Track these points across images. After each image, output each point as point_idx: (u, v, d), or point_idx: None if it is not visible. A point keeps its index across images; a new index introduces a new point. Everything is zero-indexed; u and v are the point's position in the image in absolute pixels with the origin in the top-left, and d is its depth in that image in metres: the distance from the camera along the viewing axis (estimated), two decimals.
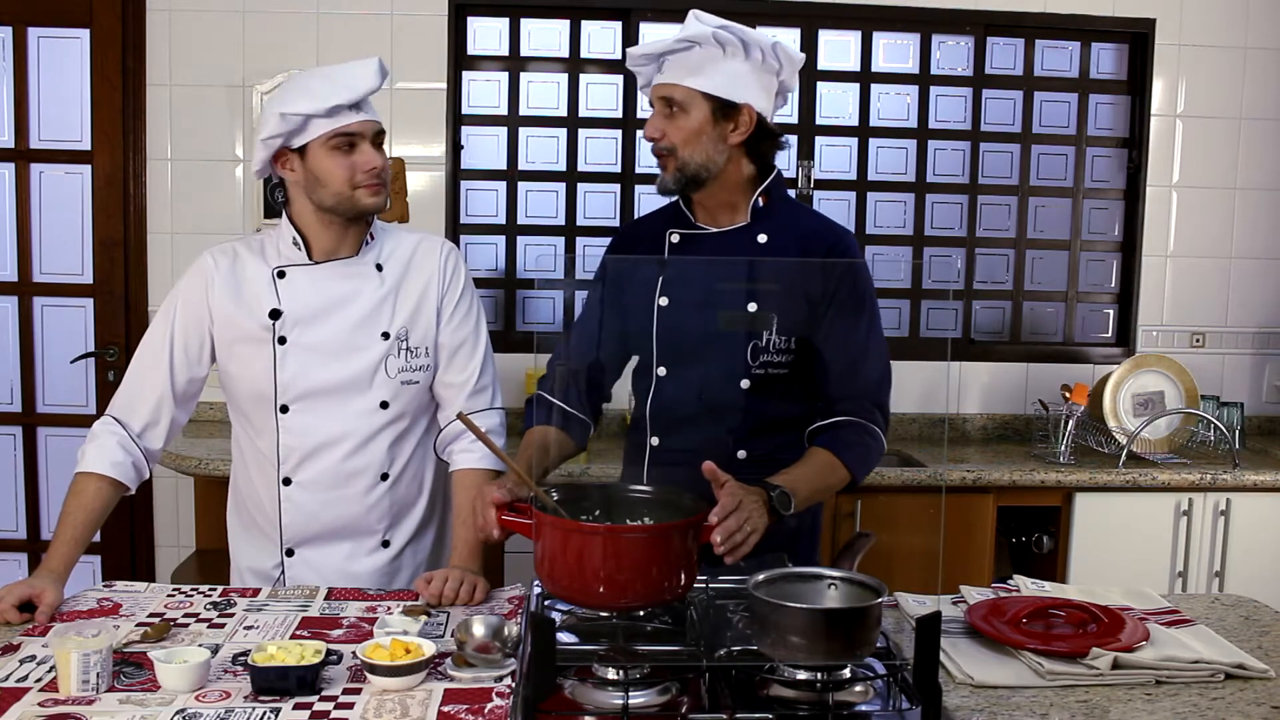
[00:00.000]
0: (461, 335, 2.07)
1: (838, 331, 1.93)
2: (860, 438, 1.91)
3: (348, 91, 1.90)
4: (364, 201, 1.95)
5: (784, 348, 1.93)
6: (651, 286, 1.99)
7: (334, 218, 1.97)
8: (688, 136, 1.90)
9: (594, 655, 1.49)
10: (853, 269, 1.96)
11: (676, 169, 1.92)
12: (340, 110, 1.90)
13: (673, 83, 1.91)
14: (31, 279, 3.66)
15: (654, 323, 1.97)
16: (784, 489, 1.74)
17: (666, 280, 1.98)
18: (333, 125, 1.90)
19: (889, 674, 1.47)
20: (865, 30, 3.76)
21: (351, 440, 2.00)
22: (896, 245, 3.85)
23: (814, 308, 1.93)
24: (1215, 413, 3.53)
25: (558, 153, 3.74)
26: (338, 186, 1.93)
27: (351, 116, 1.91)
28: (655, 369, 1.99)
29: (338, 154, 1.92)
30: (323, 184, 1.93)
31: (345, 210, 1.95)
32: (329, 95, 1.89)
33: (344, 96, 1.89)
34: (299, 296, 1.99)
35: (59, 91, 3.60)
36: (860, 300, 1.96)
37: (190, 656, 1.48)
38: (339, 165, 1.92)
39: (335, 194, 1.94)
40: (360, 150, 1.93)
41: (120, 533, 3.65)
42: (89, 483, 1.93)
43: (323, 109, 1.89)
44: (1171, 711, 1.45)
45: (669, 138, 1.91)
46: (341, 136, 1.91)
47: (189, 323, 2.01)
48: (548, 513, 1.57)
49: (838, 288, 1.93)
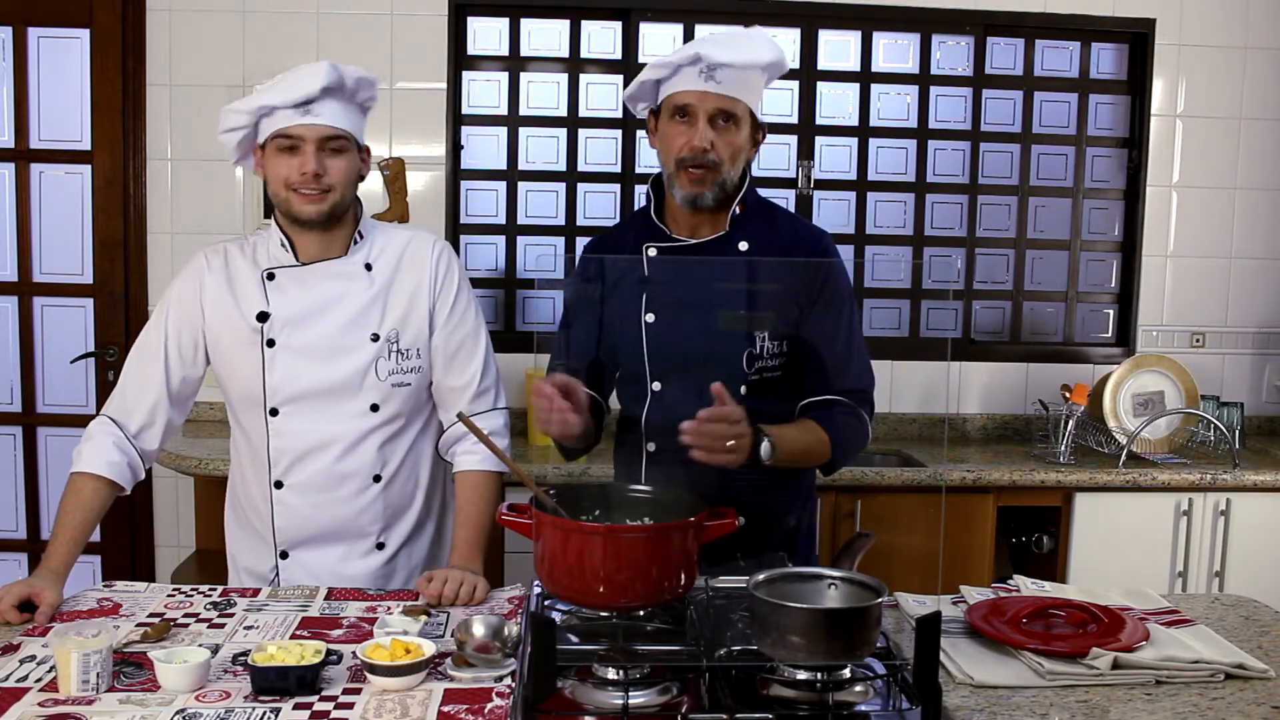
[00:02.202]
0: (460, 337, 2.05)
1: (824, 329, 1.94)
2: (849, 422, 1.92)
3: (291, 92, 1.89)
4: (298, 208, 1.93)
5: (777, 351, 1.93)
6: (635, 302, 1.96)
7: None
8: (735, 153, 1.89)
9: (594, 655, 1.49)
10: (833, 268, 1.96)
11: (718, 184, 1.89)
12: (280, 111, 1.90)
13: (735, 97, 1.86)
14: (31, 279, 3.66)
15: (643, 339, 1.96)
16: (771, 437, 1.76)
17: (651, 295, 1.95)
18: (274, 126, 1.91)
19: (889, 674, 1.47)
20: (865, 30, 3.76)
21: (342, 443, 1.99)
22: (896, 245, 3.85)
23: (800, 309, 1.94)
24: (1215, 413, 3.53)
25: (558, 153, 3.74)
26: (275, 188, 1.94)
27: (294, 118, 1.90)
28: (649, 384, 1.97)
29: (281, 156, 1.92)
30: (271, 183, 1.95)
31: (286, 214, 1.96)
32: (272, 95, 1.90)
33: (285, 97, 1.89)
34: (287, 298, 1.98)
35: (59, 91, 3.60)
36: (842, 298, 1.96)
37: (190, 656, 1.48)
38: (279, 167, 1.93)
39: (275, 194, 1.95)
40: (301, 154, 1.91)
41: (120, 533, 3.65)
42: (86, 483, 1.93)
43: (263, 106, 1.90)
44: (1171, 711, 1.45)
45: (718, 151, 1.87)
46: (283, 138, 1.91)
47: (183, 323, 2.01)
48: (548, 513, 1.57)
49: (822, 287, 1.94)
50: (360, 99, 1.98)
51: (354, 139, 1.96)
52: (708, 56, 1.84)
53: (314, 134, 1.90)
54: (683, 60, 1.86)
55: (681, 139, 1.87)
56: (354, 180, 1.98)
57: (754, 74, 1.88)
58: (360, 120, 2.00)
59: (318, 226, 1.96)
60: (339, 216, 1.97)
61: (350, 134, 1.95)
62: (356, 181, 1.99)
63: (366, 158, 2.03)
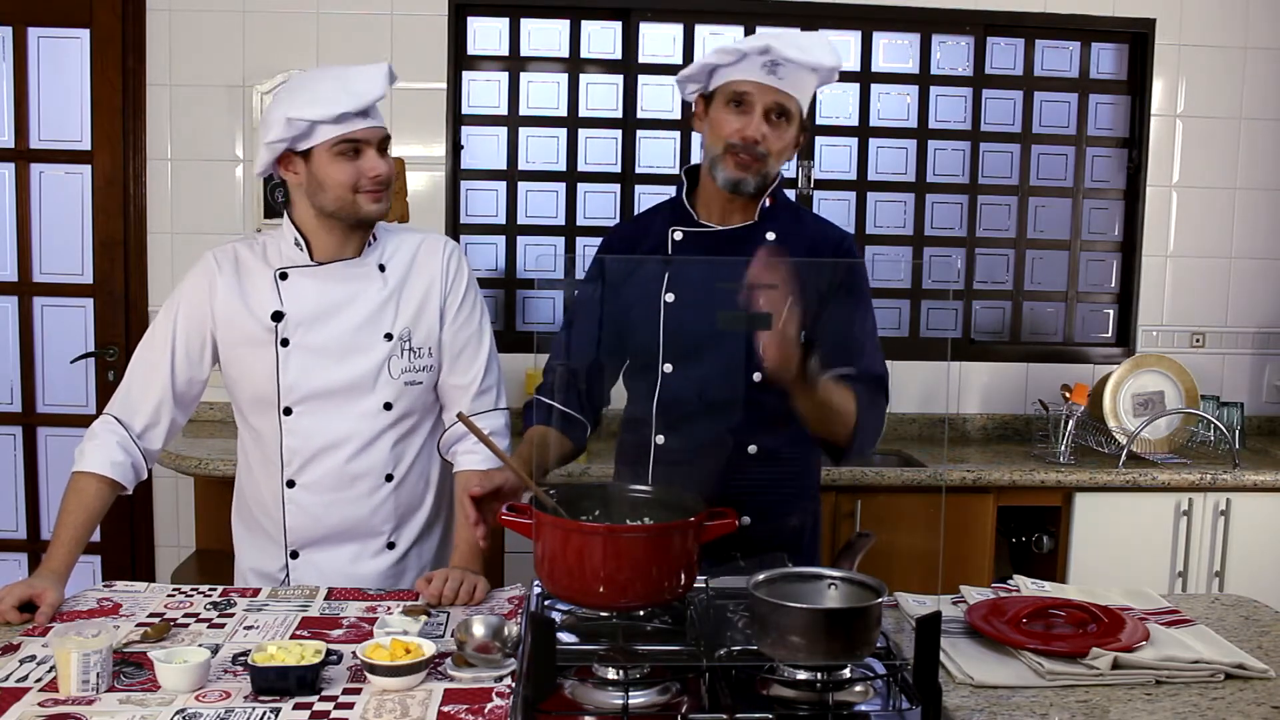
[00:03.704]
0: (465, 336, 2.06)
1: (842, 320, 1.94)
2: (872, 398, 1.90)
3: (356, 99, 1.88)
4: (366, 208, 1.94)
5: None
6: (656, 283, 1.98)
7: (335, 221, 1.97)
8: (785, 149, 1.92)
9: (594, 655, 1.49)
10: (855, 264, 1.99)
11: (761, 174, 1.91)
12: (348, 117, 1.88)
13: (792, 94, 1.89)
14: (31, 279, 3.67)
15: (660, 319, 1.97)
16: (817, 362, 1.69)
17: (673, 276, 1.97)
18: (339, 131, 1.89)
19: (889, 674, 1.47)
20: (865, 30, 3.76)
21: (355, 442, 2.00)
22: (896, 245, 3.85)
23: (822, 300, 1.94)
24: (1215, 413, 3.53)
25: (558, 153, 3.74)
26: (341, 192, 1.92)
27: (359, 123, 1.90)
28: (661, 365, 1.98)
29: (342, 160, 1.90)
30: (325, 189, 1.92)
31: (346, 216, 1.95)
32: (337, 102, 1.87)
33: (352, 103, 1.87)
34: (301, 298, 1.98)
35: (59, 91, 3.61)
36: (862, 294, 1.99)
37: (190, 656, 1.48)
38: (343, 171, 1.91)
39: (337, 199, 1.93)
40: (365, 156, 1.92)
41: (120, 533, 3.65)
42: (89, 483, 1.93)
43: (330, 115, 1.87)
44: (1171, 711, 1.45)
45: (768, 144, 1.89)
46: (347, 143, 1.90)
47: (191, 324, 2.01)
48: (548, 513, 1.57)
49: (843, 281, 1.95)
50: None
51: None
52: (776, 50, 1.85)
53: (377, 135, 1.94)
54: (750, 49, 1.87)
55: (734, 125, 1.89)
56: None
57: (811, 76, 1.91)
58: None
59: (364, 225, 1.98)
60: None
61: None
62: None
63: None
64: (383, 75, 1.92)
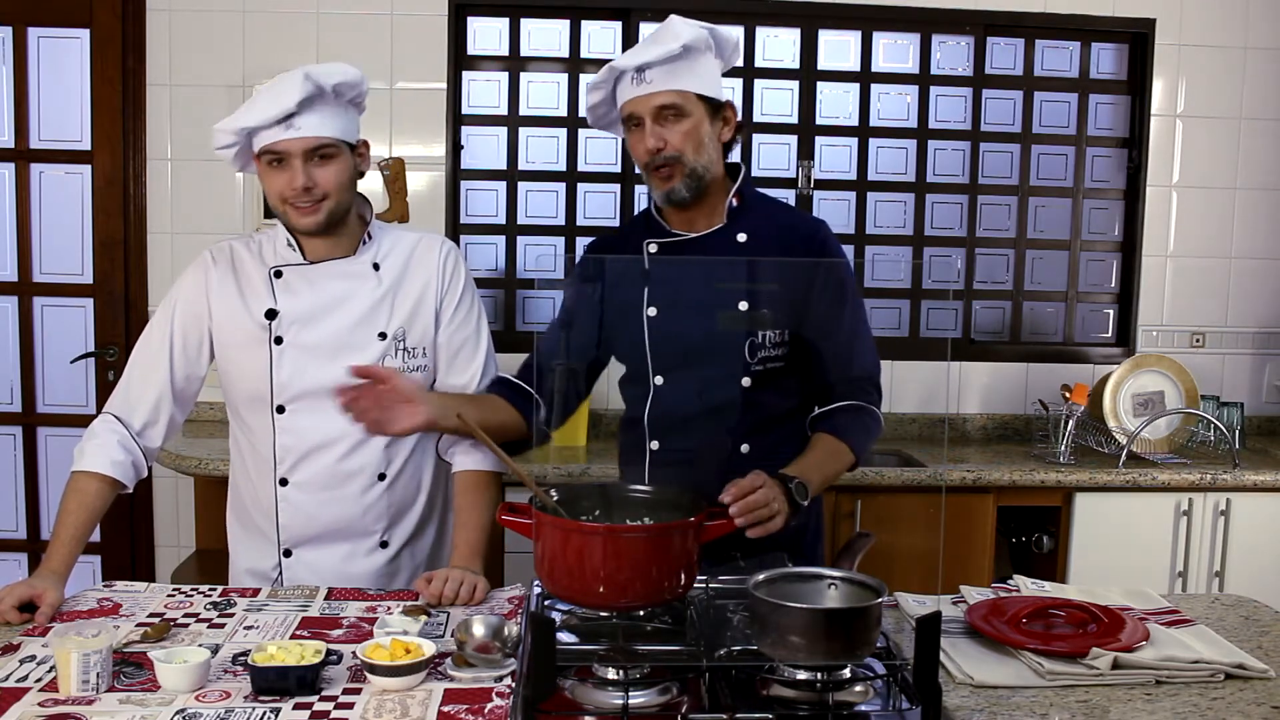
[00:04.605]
0: (462, 336, 2.06)
1: (828, 319, 1.95)
2: (860, 419, 1.93)
3: (270, 109, 1.86)
4: (294, 220, 1.93)
5: (779, 341, 1.94)
6: (637, 297, 1.97)
7: None
8: (694, 140, 1.89)
9: (594, 655, 1.49)
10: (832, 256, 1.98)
11: (687, 175, 1.89)
12: (266, 128, 1.88)
13: (669, 89, 1.87)
14: (31, 279, 3.66)
15: (645, 334, 1.97)
16: (799, 479, 1.74)
17: (653, 290, 1.97)
18: (260, 143, 1.90)
19: (889, 674, 1.47)
20: (865, 30, 3.76)
21: (348, 441, 1.99)
22: (896, 245, 3.85)
23: (803, 299, 1.95)
24: (1215, 413, 3.53)
25: (558, 153, 3.74)
26: (275, 202, 1.94)
27: (277, 134, 1.87)
28: (651, 379, 1.98)
29: (271, 171, 1.91)
30: (268, 198, 1.96)
31: (287, 225, 1.97)
32: (251, 114, 1.88)
33: (264, 115, 1.87)
34: (296, 296, 1.99)
35: (59, 91, 3.61)
36: (844, 286, 1.98)
37: (190, 656, 1.48)
38: (272, 182, 1.92)
39: (274, 209, 1.96)
40: (288, 167, 1.89)
41: (120, 533, 3.65)
42: (89, 482, 1.93)
43: (245, 125, 1.88)
44: (1171, 711, 1.45)
45: (672, 145, 1.88)
46: (271, 154, 1.90)
47: (188, 321, 2.01)
48: (548, 513, 1.57)
49: (825, 277, 1.95)
50: (348, 98, 1.95)
51: (342, 142, 1.93)
52: (625, 64, 1.88)
53: (299, 147, 1.88)
54: (611, 74, 1.91)
55: (639, 146, 1.91)
56: (349, 183, 1.96)
57: (684, 62, 1.87)
58: (350, 120, 1.96)
59: (319, 234, 1.96)
60: (340, 220, 1.97)
61: (336, 140, 1.91)
62: (353, 182, 1.98)
63: (364, 153, 2.01)
64: (295, 83, 1.86)
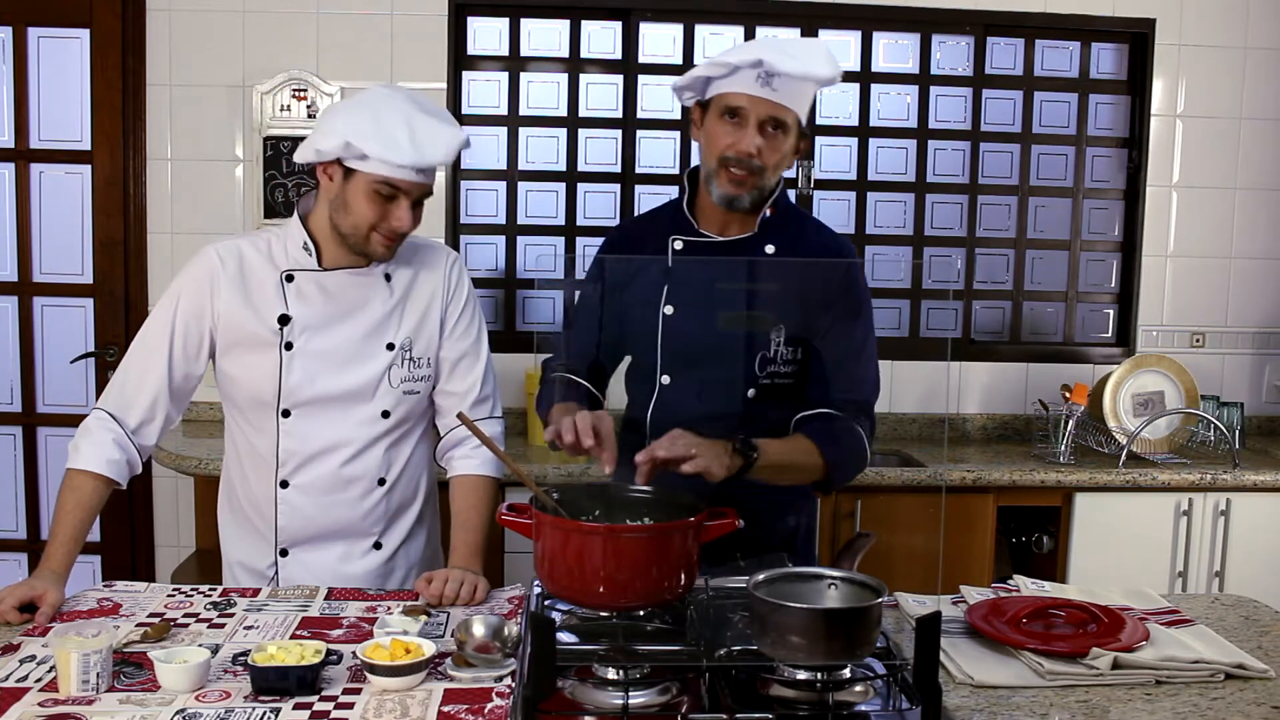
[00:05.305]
0: (464, 346, 2.07)
1: (837, 339, 1.93)
2: (844, 437, 1.90)
3: (419, 157, 1.84)
4: (374, 249, 1.93)
5: (790, 358, 1.92)
6: (656, 293, 1.96)
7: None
8: (779, 161, 1.88)
9: (594, 655, 1.49)
10: (855, 280, 1.96)
11: (757, 188, 1.87)
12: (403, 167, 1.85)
13: (788, 106, 1.84)
14: (31, 279, 3.66)
15: (659, 330, 1.96)
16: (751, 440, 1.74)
17: (673, 288, 1.96)
18: (386, 174, 1.85)
19: (889, 674, 1.47)
20: (865, 30, 3.76)
21: (351, 447, 2.00)
22: (896, 245, 3.85)
23: (818, 317, 1.93)
24: (1215, 413, 3.53)
25: (558, 153, 3.74)
26: (360, 224, 1.90)
27: (409, 175, 1.86)
28: (659, 376, 1.97)
29: (376, 198, 1.88)
30: (348, 213, 1.90)
31: (353, 245, 1.94)
32: (399, 151, 1.83)
33: (413, 159, 1.84)
34: (309, 303, 1.97)
35: (59, 91, 3.60)
36: (860, 310, 1.95)
37: (190, 656, 1.48)
38: (371, 209, 1.88)
39: (354, 228, 1.91)
40: (398, 205, 1.89)
41: (120, 533, 3.65)
42: (85, 481, 1.92)
43: (388, 160, 1.83)
44: (1171, 711, 1.45)
45: (763, 158, 1.85)
46: (389, 186, 1.87)
47: (190, 320, 1.98)
48: (548, 513, 1.57)
49: (842, 298, 1.93)
50: None
51: None
52: (770, 63, 1.80)
53: (417, 190, 1.90)
54: (742, 62, 1.83)
55: (728, 139, 1.85)
56: None
57: (808, 85, 1.86)
58: None
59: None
60: None
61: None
62: None
63: None
64: (454, 145, 1.88)
